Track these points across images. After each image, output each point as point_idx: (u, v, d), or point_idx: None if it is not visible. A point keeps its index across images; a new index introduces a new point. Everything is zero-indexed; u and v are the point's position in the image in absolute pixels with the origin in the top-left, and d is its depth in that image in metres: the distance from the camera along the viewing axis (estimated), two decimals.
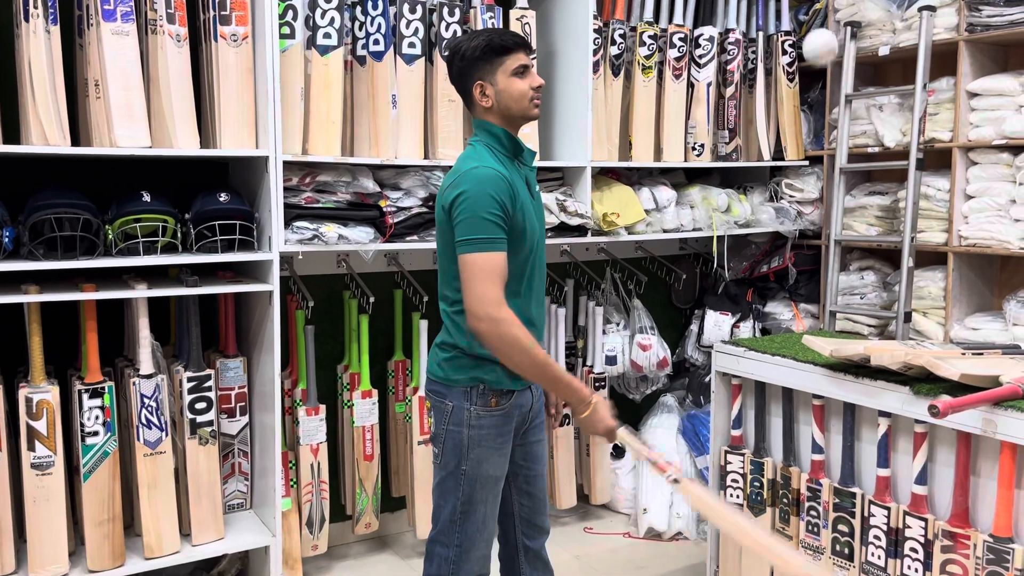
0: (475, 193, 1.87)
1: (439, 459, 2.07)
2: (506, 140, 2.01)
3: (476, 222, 1.86)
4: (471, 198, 1.87)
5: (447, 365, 2.04)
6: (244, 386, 2.81)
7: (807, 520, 2.53)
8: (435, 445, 2.09)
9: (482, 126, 2.02)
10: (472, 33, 2.05)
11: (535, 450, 2.18)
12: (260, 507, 2.85)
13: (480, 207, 1.86)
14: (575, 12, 3.22)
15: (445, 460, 2.05)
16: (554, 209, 3.08)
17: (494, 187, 1.88)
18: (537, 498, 2.19)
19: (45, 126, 2.31)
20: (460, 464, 2.03)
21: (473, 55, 1.97)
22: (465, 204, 1.87)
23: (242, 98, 2.58)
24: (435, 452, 2.09)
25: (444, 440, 2.05)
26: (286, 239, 2.65)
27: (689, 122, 3.56)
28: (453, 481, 2.04)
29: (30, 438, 2.38)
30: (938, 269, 3.29)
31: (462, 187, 1.89)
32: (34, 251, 2.33)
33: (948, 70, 3.24)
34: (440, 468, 2.07)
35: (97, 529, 2.48)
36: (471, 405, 2.01)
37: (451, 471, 2.04)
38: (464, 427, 2.02)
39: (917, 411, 2.15)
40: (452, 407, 2.03)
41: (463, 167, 1.94)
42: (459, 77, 2.02)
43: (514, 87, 1.98)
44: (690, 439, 3.59)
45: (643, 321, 3.68)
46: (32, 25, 2.30)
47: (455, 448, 2.03)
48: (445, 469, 2.05)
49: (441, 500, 2.07)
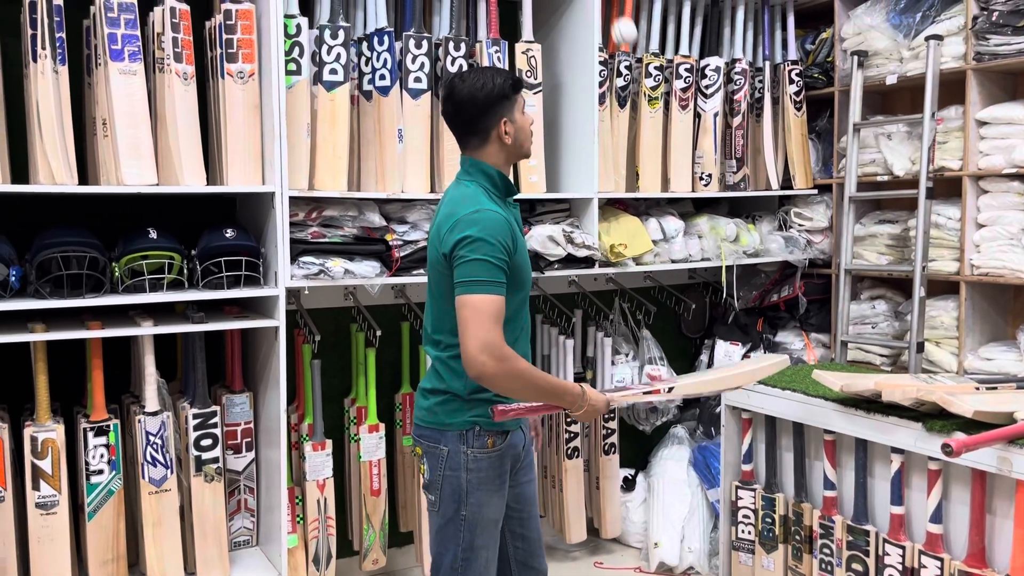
0: (480, 237, 1.85)
1: (436, 506, 2.01)
2: (500, 181, 2.00)
3: (480, 265, 1.83)
4: (476, 242, 1.84)
5: (440, 410, 2.00)
6: (250, 421, 2.80)
7: (820, 558, 2.49)
8: (430, 492, 2.02)
9: (478, 167, 1.99)
10: (478, 72, 2.00)
11: (526, 491, 2.14)
12: (266, 544, 2.83)
13: (485, 251, 1.84)
14: (580, 45, 3.23)
15: (443, 507, 2.00)
16: (561, 241, 3.07)
17: (499, 232, 1.87)
18: (532, 540, 2.16)
19: (53, 165, 2.32)
20: (459, 510, 1.98)
21: (503, 93, 1.95)
22: (470, 248, 1.84)
23: (249, 134, 2.59)
24: (431, 499, 2.03)
25: (441, 486, 1.99)
26: (292, 274, 2.65)
27: (696, 152, 3.55)
28: (453, 528, 1.99)
29: (35, 477, 2.37)
30: (950, 298, 3.26)
31: (467, 231, 1.86)
32: (41, 289, 2.33)
33: (956, 98, 3.22)
34: (438, 516, 2.02)
35: (102, 568, 2.47)
36: (467, 448, 1.97)
37: (450, 518, 1.99)
38: (462, 471, 1.97)
39: (930, 448, 2.12)
40: (448, 451, 1.98)
41: (463, 210, 1.90)
42: (481, 115, 1.96)
43: (526, 124, 2.02)
44: (701, 471, 3.54)
45: (652, 351, 3.65)
46: (40, 65, 2.32)
47: (453, 493, 1.98)
48: (444, 516, 2.00)
49: (441, 548, 2.02)
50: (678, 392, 2.23)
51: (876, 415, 2.27)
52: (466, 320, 1.82)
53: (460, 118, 1.99)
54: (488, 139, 1.98)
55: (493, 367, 1.80)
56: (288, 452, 2.73)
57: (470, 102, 1.96)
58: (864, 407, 2.31)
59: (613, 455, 3.49)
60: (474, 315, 1.81)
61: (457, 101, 1.98)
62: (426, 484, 2.05)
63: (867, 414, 2.29)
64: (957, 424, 2.10)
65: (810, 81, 3.75)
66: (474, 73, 2.00)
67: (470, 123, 1.98)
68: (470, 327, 1.81)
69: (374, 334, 2.96)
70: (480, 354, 1.80)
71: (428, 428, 2.02)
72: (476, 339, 1.80)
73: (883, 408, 2.27)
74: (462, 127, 2.01)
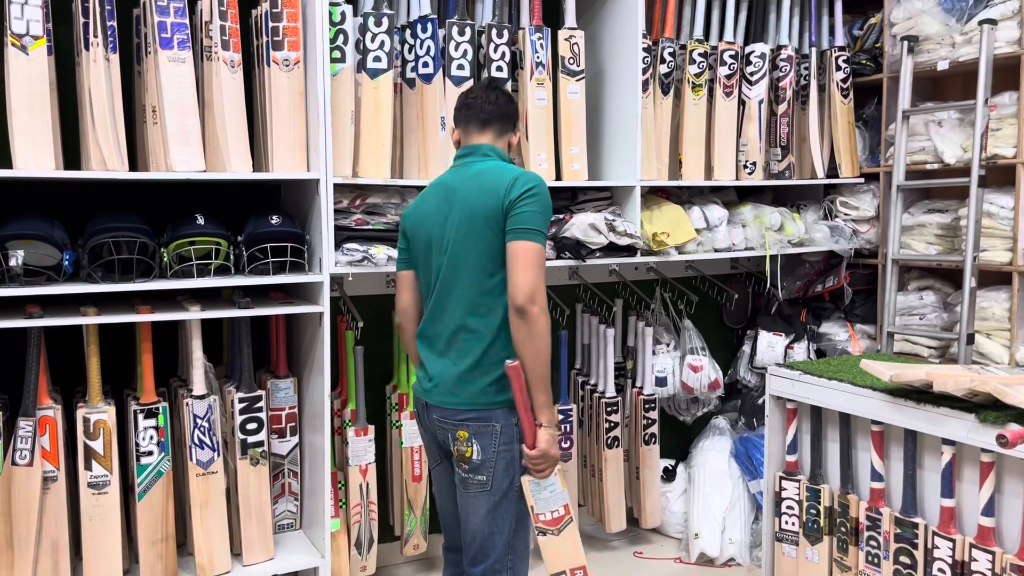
0: (543, 191, 2.04)
1: (488, 485, 2.06)
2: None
3: (539, 217, 2.00)
4: (540, 194, 2.03)
5: (491, 390, 2.07)
6: (294, 406, 2.83)
7: (867, 550, 2.45)
8: (481, 473, 2.06)
9: (498, 152, 2.20)
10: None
11: None
12: (309, 527, 2.86)
13: (542, 205, 2.03)
14: (624, 31, 3.20)
15: (497, 483, 2.06)
16: (603, 229, 3.05)
17: (549, 195, 2.07)
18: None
19: (104, 152, 2.36)
20: (513, 481, 2.07)
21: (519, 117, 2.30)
22: (536, 197, 2.01)
23: (294, 122, 2.62)
24: (480, 480, 2.06)
25: (495, 463, 2.06)
26: (336, 261, 2.67)
27: (740, 140, 3.51)
28: (507, 503, 2.06)
29: (87, 457, 2.42)
30: (1002, 289, 3.18)
31: (532, 183, 2.03)
32: (93, 274, 2.38)
33: (1010, 84, 3.14)
34: (490, 495, 2.06)
35: (151, 548, 2.52)
36: (516, 420, 2.07)
37: (505, 491, 2.07)
38: (514, 443, 2.08)
39: (984, 440, 2.07)
40: (500, 427, 2.06)
41: (514, 169, 2.09)
42: (513, 115, 2.25)
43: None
44: (743, 462, 3.51)
45: (694, 342, 3.62)
46: (92, 54, 2.36)
47: (508, 467, 2.07)
48: (497, 493, 2.06)
49: (493, 527, 2.06)
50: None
51: (927, 406, 2.22)
52: (524, 263, 1.96)
53: (502, 110, 2.20)
54: (502, 137, 2.22)
55: (536, 312, 1.95)
56: (331, 437, 2.75)
57: (509, 102, 2.24)
58: (914, 398, 2.26)
59: (653, 445, 3.47)
60: (534, 260, 1.97)
61: (507, 98, 2.23)
62: (475, 466, 2.07)
63: (917, 405, 2.24)
64: (1012, 415, 2.05)
65: (857, 68, 3.68)
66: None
67: (503, 118, 2.21)
68: (530, 269, 1.96)
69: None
70: (529, 290, 1.95)
71: (476, 410, 2.06)
72: (528, 279, 1.95)
73: (934, 398, 2.22)
74: (496, 118, 2.20)
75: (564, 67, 3.10)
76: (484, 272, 2.05)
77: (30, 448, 2.35)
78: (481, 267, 2.04)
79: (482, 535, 2.08)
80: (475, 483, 2.07)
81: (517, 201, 2.00)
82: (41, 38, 2.31)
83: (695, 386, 3.56)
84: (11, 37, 2.27)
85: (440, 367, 2.13)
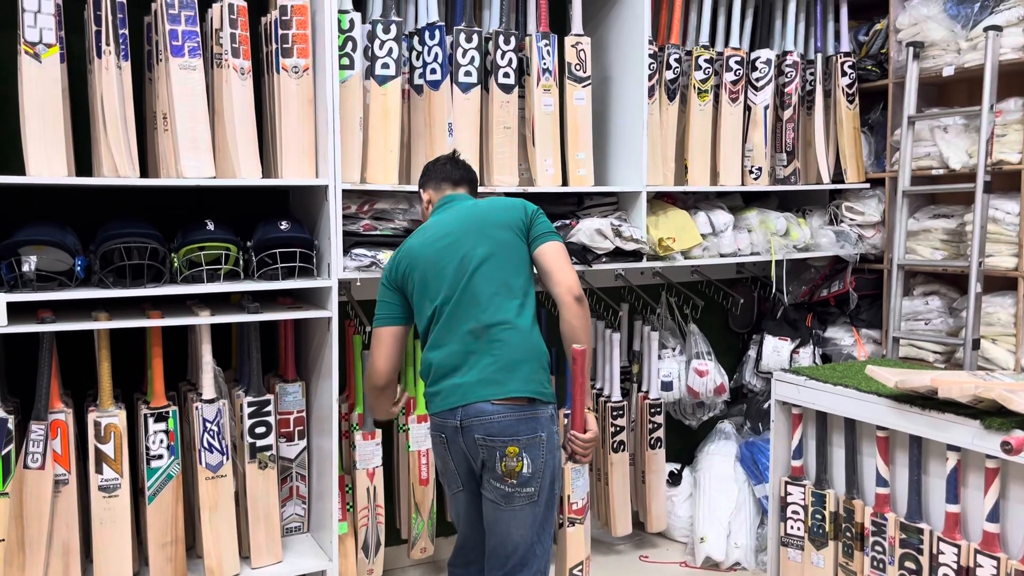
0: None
1: (536, 496, 2.06)
2: None
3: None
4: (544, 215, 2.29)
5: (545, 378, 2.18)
6: (303, 410, 2.85)
7: (872, 555, 2.46)
8: (530, 485, 2.06)
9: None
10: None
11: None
12: (317, 531, 2.88)
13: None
14: (630, 37, 3.22)
15: (544, 494, 2.07)
16: (609, 234, 3.07)
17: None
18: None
19: (116, 158, 2.39)
20: (554, 489, 2.13)
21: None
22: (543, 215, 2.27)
23: (303, 128, 2.64)
24: (528, 492, 2.06)
25: (543, 473, 2.07)
26: (345, 266, 2.69)
27: (746, 145, 3.52)
28: (549, 511, 2.10)
29: (98, 461, 2.45)
30: (1008, 295, 3.19)
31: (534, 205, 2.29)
32: (104, 279, 2.40)
33: (1016, 90, 3.15)
34: (538, 505, 2.07)
35: (161, 551, 2.54)
36: (555, 426, 2.15)
37: (548, 500, 2.10)
38: (557, 450, 2.13)
39: (988, 446, 2.08)
40: (545, 436, 2.11)
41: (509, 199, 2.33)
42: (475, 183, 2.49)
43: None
44: (748, 467, 3.52)
45: (700, 346, 3.63)
46: (104, 61, 2.38)
47: (553, 475, 2.12)
48: (544, 503, 2.08)
49: (534, 537, 2.08)
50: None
51: (932, 412, 2.23)
52: (567, 258, 2.21)
53: (470, 173, 2.45)
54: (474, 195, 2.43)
55: (583, 299, 2.15)
56: (339, 441, 2.77)
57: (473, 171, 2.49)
58: (919, 403, 2.28)
59: (659, 449, 3.48)
60: (568, 256, 2.23)
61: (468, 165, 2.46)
62: (525, 479, 2.06)
63: (922, 410, 2.26)
64: (1016, 422, 2.06)
65: (863, 73, 3.69)
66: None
67: (474, 181, 2.46)
68: (569, 263, 2.21)
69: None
70: (577, 288, 2.15)
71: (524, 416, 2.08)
72: (574, 272, 2.19)
73: (939, 405, 2.23)
74: (470, 179, 2.44)
75: (571, 73, 3.12)
76: (515, 271, 2.18)
77: (42, 451, 2.38)
78: (513, 267, 2.18)
79: (525, 545, 2.09)
80: (525, 495, 2.07)
81: (534, 216, 2.24)
82: (54, 46, 2.33)
83: (701, 390, 3.58)
84: (24, 45, 2.30)
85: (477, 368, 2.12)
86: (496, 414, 2.06)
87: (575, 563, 2.15)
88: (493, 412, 2.07)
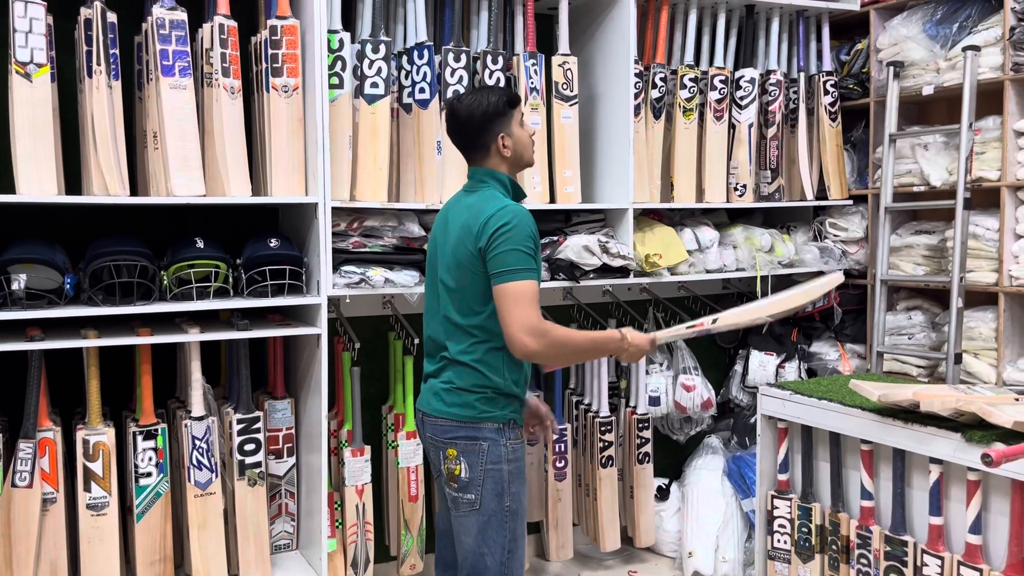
0: (513, 227, 2.00)
1: (477, 504, 2.07)
2: (511, 186, 2.18)
3: (515, 255, 1.99)
4: (512, 231, 2.00)
5: (481, 404, 2.08)
6: (291, 427, 2.85)
7: (857, 568, 2.49)
8: (469, 492, 2.08)
9: (491, 174, 2.16)
10: (482, 90, 2.18)
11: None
12: (306, 548, 2.88)
13: (518, 241, 2.00)
14: (616, 57, 3.27)
15: (486, 503, 2.07)
16: (596, 251, 3.10)
17: (527, 222, 2.04)
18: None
19: (106, 177, 2.40)
20: (503, 502, 2.07)
21: (497, 110, 2.12)
22: (505, 238, 1.99)
23: (292, 147, 2.66)
24: (469, 499, 2.08)
25: (483, 482, 2.07)
26: (334, 283, 2.71)
27: (731, 163, 3.57)
28: (497, 522, 2.07)
29: (86, 479, 2.44)
30: (989, 309, 3.24)
31: (504, 220, 2.00)
32: (94, 297, 2.41)
33: (994, 109, 3.21)
34: (479, 514, 2.07)
35: (149, 569, 2.53)
36: (506, 440, 2.09)
37: (494, 512, 2.07)
38: (503, 463, 2.08)
39: (970, 459, 2.12)
40: (487, 445, 2.07)
41: (490, 208, 2.05)
42: (480, 131, 2.13)
43: (525, 136, 2.19)
44: (735, 481, 3.54)
45: (687, 361, 3.66)
46: (95, 81, 2.40)
47: (496, 487, 2.07)
48: (486, 513, 2.07)
49: (484, 548, 2.07)
50: (723, 323, 2.34)
51: (914, 425, 2.27)
52: (509, 307, 1.97)
53: (462, 136, 2.18)
54: (489, 153, 2.16)
55: (537, 344, 1.96)
56: (328, 458, 2.78)
57: (469, 121, 2.14)
58: (902, 417, 2.31)
59: (647, 464, 3.50)
60: (516, 301, 1.97)
61: (457, 121, 2.16)
62: (463, 484, 2.08)
63: (905, 424, 2.29)
64: (997, 435, 2.10)
65: (845, 92, 3.75)
66: (471, 93, 2.18)
67: (471, 140, 2.16)
68: (514, 312, 1.96)
69: (412, 342, 3.01)
70: (525, 336, 1.95)
71: (464, 424, 2.08)
72: (519, 323, 1.96)
73: (921, 418, 2.26)
74: (465, 144, 2.18)
75: (558, 92, 3.16)
76: (467, 310, 2.08)
77: (30, 470, 2.37)
78: (465, 305, 2.08)
79: (474, 554, 2.09)
80: (466, 501, 2.09)
81: (491, 242, 2.00)
82: (45, 66, 2.35)
83: (688, 405, 3.60)
84: (15, 65, 2.31)
85: (430, 375, 2.20)
86: (440, 416, 2.12)
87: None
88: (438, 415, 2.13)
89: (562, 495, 3.35)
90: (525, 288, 1.98)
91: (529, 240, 2.02)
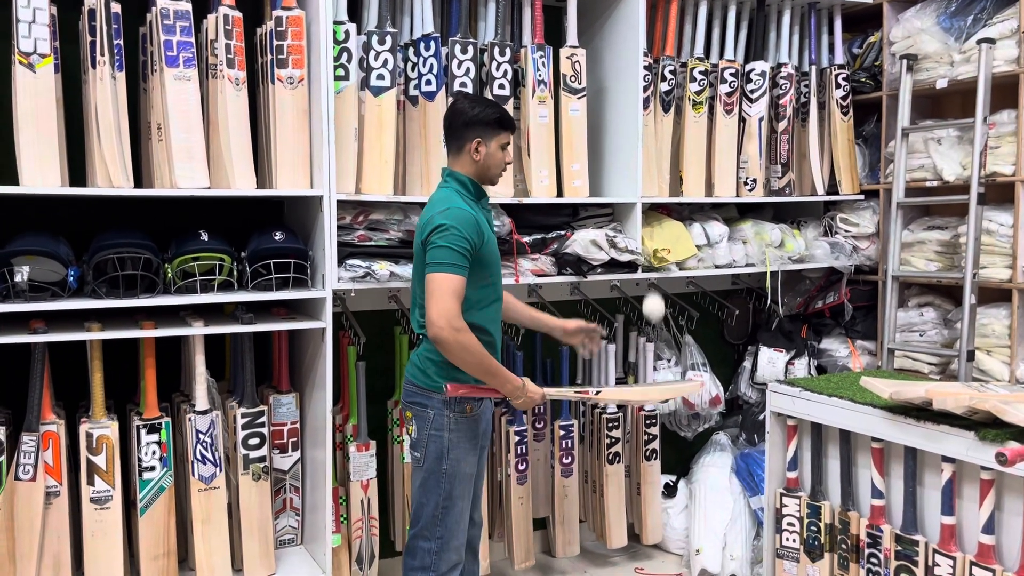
0: (448, 228, 2.22)
1: (421, 462, 2.36)
2: (472, 187, 2.39)
3: (445, 251, 2.21)
4: (447, 231, 2.22)
5: (433, 372, 2.33)
6: (296, 422, 2.83)
7: (867, 567, 2.45)
8: (416, 450, 2.38)
9: (453, 175, 2.39)
10: (484, 100, 2.45)
11: (485, 454, 2.56)
12: (311, 543, 2.86)
13: (451, 239, 2.22)
14: (625, 49, 3.23)
15: (428, 463, 2.35)
16: (604, 245, 3.07)
17: (464, 224, 2.24)
18: (476, 495, 2.53)
19: (110, 168, 2.38)
20: (441, 464, 2.33)
21: (486, 121, 2.35)
22: (439, 235, 2.22)
23: (298, 139, 2.64)
24: (416, 456, 2.38)
25: (427, 444, 2.34)
26: (339, 276, 2.68)
27: (741, 157, 3.53)
28: (435, 480, 2.33)
29: (90, 473, 2.43)
30: (1002, 306, 3.19)
31: (440, 222, 2.24)
32: (97, 289, 2.40)
33: (1009, 102, 3.17)
34: (422, 471, 2.36)
35: (152, 563, 2.52)
36: (450, 412, 2.34)
37: (433, 471, 2.34)
38: (444, 431, 2.33)
39: (983, 458, 2.08)
40: (433, 415, 2.34)
41: (438, 208, 2.28)
42: (462, 130, 2.36)
43: (500, 158, 2.41)
44: (744, 478, 3.51)
45: (695, 357, 3.63)
46: (99, 72, 2.38)
47: (437, 451, 2.33)
48: (427, 471, 2.35)
49: (423, 499, 2.36)
50: (604, 397, 2.87)
51: (927, 423, 2.23)
52: (431, 293, 2.21)
53: (446, 131, 2.41)
54: (462, 152, 2.37)
55: (448, 333, 2.18)
56: (333, 452, 2.76)
57: (458, 116, 2.37)
58: (914, 415, 2.27)
59: (655, 461, 3.48)
60: (438, 290, 2.20)
61: (450, 112, 2.41)
62: (413, 443, 2.40)
63: (917, 422, 2.26)
64: (1011, 433, 2.06)
65: (857, 85, 3.70)
66: (474, 97, 2.49)
67: (452, 136, 2.39)
68: (434, 299, 2.20)
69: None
70: (439, 319, 2.18)
71: (419, 391, 2.36)
72: (437, 308, 2.19)
73: (933, 416, 2.23)
74: (447, 139, 2.41)
75: (566, 85, 3.13)
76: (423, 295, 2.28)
77: (33, 463, 2.36)
78: (422, 290, 2.28)
79: (416, 504, 2.39)
80: (414, 457, 2.40)
81: (429, 238, 2.24)
82: (48, 56, 2.33)
83: (696, 402, 3.57)
84: (19, 55, 2.30)
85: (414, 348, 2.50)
86: (407, 381, 2.43)
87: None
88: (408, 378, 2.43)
89: (569, 491, 3.32)
90: (450, 281, 2.20)
91: (463, 241, 2.23)
